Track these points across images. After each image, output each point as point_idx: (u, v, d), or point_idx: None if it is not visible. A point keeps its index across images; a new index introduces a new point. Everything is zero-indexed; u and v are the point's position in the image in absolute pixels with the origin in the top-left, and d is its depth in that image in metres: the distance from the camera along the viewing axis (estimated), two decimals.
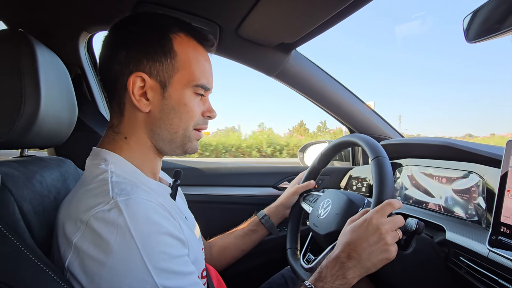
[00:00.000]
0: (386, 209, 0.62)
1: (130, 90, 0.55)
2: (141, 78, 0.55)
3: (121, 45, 0.56)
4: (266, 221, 0.97)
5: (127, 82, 0.55)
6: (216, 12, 0.93)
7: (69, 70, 0.70)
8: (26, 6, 0.88)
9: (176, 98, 0.57)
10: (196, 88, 0.59)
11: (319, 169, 1.00)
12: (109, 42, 0.58)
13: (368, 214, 0.63)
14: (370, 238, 0.60)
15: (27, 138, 0.55)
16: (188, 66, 0.57)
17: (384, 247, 0.59)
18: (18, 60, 0.52)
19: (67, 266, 0.45)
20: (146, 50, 0.55)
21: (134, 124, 0.58)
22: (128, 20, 0.58)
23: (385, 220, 0.61)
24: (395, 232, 0.61)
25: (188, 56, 0.57)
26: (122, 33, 0.57)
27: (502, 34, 0.52)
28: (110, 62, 0.56)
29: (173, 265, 0.47)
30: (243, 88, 61.79)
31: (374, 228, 0.60)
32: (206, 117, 0.63)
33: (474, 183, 0.79)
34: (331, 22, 0.88)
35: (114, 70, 0.56)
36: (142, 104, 0.56)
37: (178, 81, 0.57)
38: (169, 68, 0.56)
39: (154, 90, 0.56)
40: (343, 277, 0.59)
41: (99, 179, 0.51)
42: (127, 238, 0.44)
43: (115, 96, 0.58)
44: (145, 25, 0.57)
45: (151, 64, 0.55)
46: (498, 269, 0.59)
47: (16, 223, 0.48)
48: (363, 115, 1.32)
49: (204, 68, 0.60)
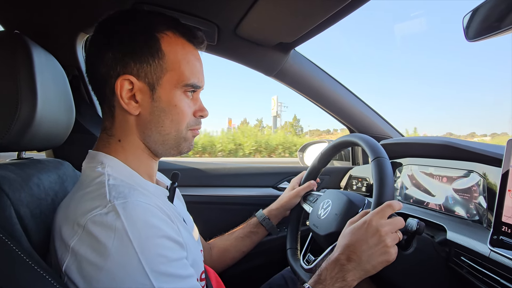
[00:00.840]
0: (386, 211, 0.62)
1: (118, 94, 0.53)
2: (129, 81, 0.53)
3: (106, 46, 0.54)
4: (266, 223, 0.96)
5: (114, 86, 0.53)
6: (214, 12, 0.92)
7: (67, 71, 0.70)
8: (22, 7, 0.87)
9: (166, 99, 0.56)
10: (186, 87, 0.57)
11: (319, 169, 1.00)
12: (94, 43, 0.56)
13: (367, 216, 0.62)
14: (369, 240, 0.59)
15: (24, 141, 0.55)
16: (177, 66, 0.56)
17: (383, 249, 0.59)
18: (14, 62, 0.52)
19: (64, 270, 0.44)
20: (132, 51, 0.53)
21: (126, 127, 0.57)
22: (113, 20, 0.56)
23: (385, 222, 0.60)
24: (395, 234, 0.61)
25: (176, 55, 0.56)
26: (107, 33, 0.55)
27: (502, 33, 0.52)
28: (96, 65, 0.55)
29: (171, 268, 0.47)
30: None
31: (374, 230, 0.60)
32: (198, 116, 0.61)
33: (475, 182, 0.79)
34: (330, 21, 0.87)
35: (101, 73, 0.54)
36: (132, 107, 0.55)
37: (167, 82, 0.55)
38: (157, 69, 0.54)
39: (143, 92, 0.55)
40: (343, 279, 0.58)
41: (96, 182, 0.51)
42: (125, 241, 0.43)
43: (105, 99, 0.57)
44: (131, 25, 0.55)
45: (138, 66, 0.53)
46: (499, 269, 0.58)
47: (13, 227, 0.47)
48: (363, 115, 1.32)
49: (194, 67, 0.58)
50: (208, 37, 1.00)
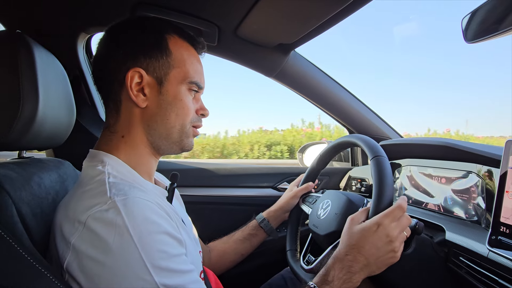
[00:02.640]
0: (396, 213, 0.61)
1: (128, 85, 0.56)
2: (139, 74, 0.57)
3: (118, 44, 0.58)
4: (265, 225, 0.96)
5: (124, 78, 0.56)
6: (215, 13, 0.93)
7: (68, 71, 0.70)
8: (24, 7, 0.88)
9: (173, 93, 0.59)
10: (191, 85, 0.61)
11: (318, 170, 1.00)
12: (106, 41, 0.60)
13: (378, 218, 0.61)
14: (379, 244, 0.59)
15: (25, 140, 0.55)
16: (182, 64, 0.60)
17: (392, 253, 0.59)
18: (16, 62, 0.52)
19: (66, 267, 0.45)
20: (143, 47, 0.57)
21: (131, 121, 0.59)
22: (125, 23, 0.61)
23: (395, 225, 0.60)
24: (403, 235, 0.61)
25: (182, 55, 0.60)
26: (119, 33, 0.60)
27: (500, 35, 0.52)
28: (106, 61, 0.58)
29: (172, 263, 0.47)
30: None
31: (385, 234, 0.59)
32: (199, 115, 0.65)
33: (474, 183, 0.79)
34: (330, 22, 0.88)
35: (111, 68, 0.57)
36: (140, 99, 0.57)
37: (174, 77, 0.59)
38: (165, 65, 0.58)
39: (151, 86, 0.58)
40: (350, 281, 0.58)
41: (96, 180, 0.51)
42: (126, 237, 0.44)
43: (111, 94, 0.59)
44: (141, 27, 0.60)
45: (148, 61, 0.57)
46: (498, 269, 0.59)
47: (14, 226, 0.47)
48: (362, 116, 1.32)
49: (197, 68, 0.63)
50: (209, 38, 1.00)
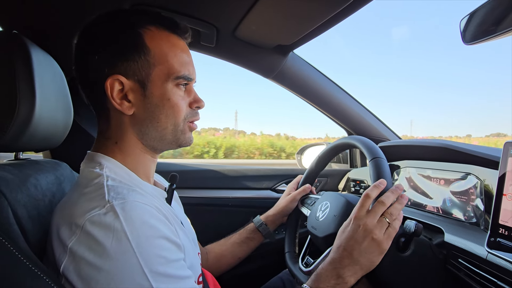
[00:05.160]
0: (365, 202, 0.62)
1: (109, 95, 0.53)
2: (119, 81, 0.53)
3: (91, 50, 0.53)
4: (263, 229, 0.95)
5: (105, 87, 0.53)
6: (214, 14, 0.93)
7: (65, 72, 0.70)
8: (20, 7, 0.87)
9: (158, 94, 0.55)
10: (178, 80, 0.56)
11: (317, 172, 0.99)
12: (79, 49, 0.55)
13: (352, 213, 0.63)
14: (356, 236, 0.59)
15: (22, 141, 0.55)
16: (164, 60, 0.55)
17: (372, 242, 0.59)
18: (12, 62, 0.52)
19: (62, 271, 0.44)
20: (117, 51, 0.53)
21: (122, 128, 0.56)
22: (93, 23, 0.56)
23: (366, 214, 0.60)
24: (381, 222, 0.60)
25: (162, 49, 0.55)
26: (90, 37, 0.55)
27: (498, 36, 0.52)
28: (84, 70, 0.55)
29: (170, 269, 0.46)
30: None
31: (357, 225, 0.60)
32: (194, 108, 0.60)
33: (472, 185, 0.79)
34: (328, 24, 0.88)
35: (90, 77, 0.54)
36: (125, 107, 0.54)
37: (157, 77, 0.54)
38: (144, 66, 0.54)
39: (134, 90, 0.54)
40: (338, 276, 0.59)
41: (94, 183, 0.50)
42: (124, 242, 0.43)
43: (98, 102, 0.56)
44: (112, 25, 0.55)
45: (125, 65, 0.53)
46: (497, 271, 0.58)
47: (10, 228, 0.47)
48: (361, 117, 1.32)
49: (183, 59, 0.57)
50: (207, 39, 1.00)
